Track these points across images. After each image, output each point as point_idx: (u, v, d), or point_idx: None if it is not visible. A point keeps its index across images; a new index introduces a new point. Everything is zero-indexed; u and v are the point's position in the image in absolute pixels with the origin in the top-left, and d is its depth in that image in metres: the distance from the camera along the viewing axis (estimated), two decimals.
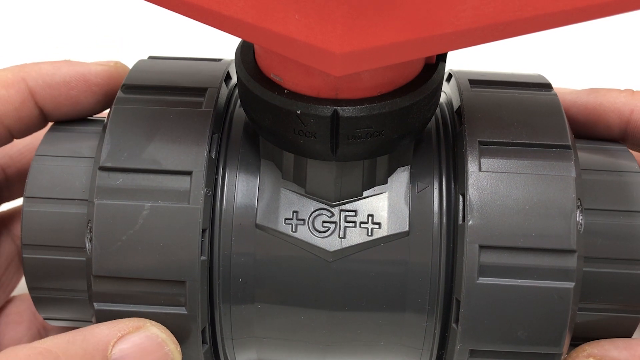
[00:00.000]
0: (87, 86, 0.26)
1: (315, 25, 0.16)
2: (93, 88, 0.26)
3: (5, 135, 0.26)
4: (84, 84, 0.26)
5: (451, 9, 0.16)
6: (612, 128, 0.26)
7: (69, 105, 0.26)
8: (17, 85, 0.26)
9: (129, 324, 0.22)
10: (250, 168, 0.24)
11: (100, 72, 0.26)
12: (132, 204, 0.22)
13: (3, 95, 0.25)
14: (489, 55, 0.40)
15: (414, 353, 0.24)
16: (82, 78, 0.26)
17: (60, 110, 0.26)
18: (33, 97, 0.26)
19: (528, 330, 0.22)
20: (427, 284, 0.23)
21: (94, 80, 0.26)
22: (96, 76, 0.26)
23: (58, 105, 0.26)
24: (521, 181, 0.22)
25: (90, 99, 0.26)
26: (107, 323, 0.22)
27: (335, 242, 0.23)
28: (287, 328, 0.24)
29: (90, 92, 0.26)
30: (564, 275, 0.21)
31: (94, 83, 0.26)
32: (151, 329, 0.22)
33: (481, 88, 0.25)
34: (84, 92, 0.26)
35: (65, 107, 0.26)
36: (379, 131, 0.21)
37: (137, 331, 0.22)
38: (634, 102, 0.26)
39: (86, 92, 0.26)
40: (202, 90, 0.24)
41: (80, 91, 0.26)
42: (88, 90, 0.26)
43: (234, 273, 0.23)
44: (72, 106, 0.26)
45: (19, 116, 0.26)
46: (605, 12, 0.17)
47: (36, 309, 0.25)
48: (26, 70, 0.26)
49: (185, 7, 0.18)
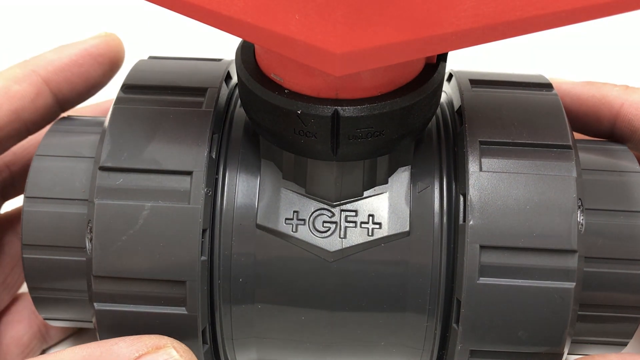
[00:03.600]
0: (93, 58, 0.27)
1: (315, 25, 0.16)
2: (99, 59, 0.27)
3: (22, 131, 0.27)
4: (90, 57, 0.27)
5: (451, 9, 0.16)
6: (602, 121, 0.26)
7: (81, 82, 0.27)
8: (29, 78, 0.26)
9: (149, 343, 0.21)
10: (250, 168, 0.24)
11: (99, 43, 0.27)
12: (132, 204, 0.22)
13: (18, 91, 0.26)
14: (489, 55, 0.40)
15: (414, 353, 0.24)
16: (86, 53, 0.27)
17: (75, 90, 0.27)
18: (48, 85, 0.26)
19: (528, 330, 0.22)
20: (428, 284, 0.23)
21: (97, 52, 0.27)
22: (97, 47, 0.27)
23: (73, 86, 0.27)
24: (522, 181, 0.22)
25: (99, 70, 0.27)
26: (128, 339, 0.21)
27: (336, 242, 0.23)
28: (287, 328, 0.24)
29: (98, 64, 0.27)
30: (565, 276, 0.21)
31: (98, 54, 0.27)
32: (171, 352, 0.21)
33: (482, 88, 0.25)
34: (93, 66, 0.27)
35: (79, 86, 0.27)
36: (380, 131, 0.21)
37: (156, 352, 0.21)
38: (625, 97, 0.26)
39: (94, 65, 0.27)
40: (202, 90, 0.24)
41: (89, 66, 0.27)
42: (95, 62, 0.27)
43: (235, 273, 0.23)
44: (84, 83, 0.27)
45: (36, 108, 0.26)
46: (605, 12, 0.17)
47: (36, 309, 0.25)
48: (33, 63, 0.27)
49: (185, 7, 0.18)
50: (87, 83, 0.27)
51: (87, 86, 0.28)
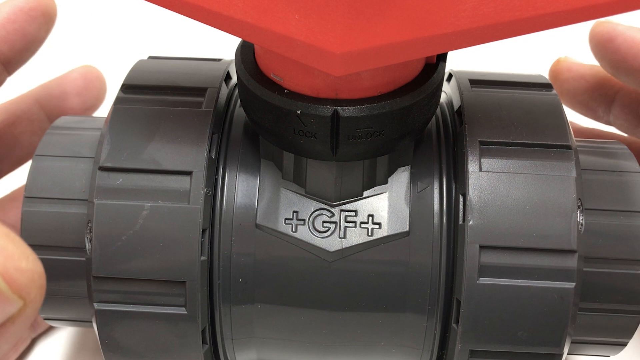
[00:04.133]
0: (26, 13, 0.28)
1: (315, 25, 0.16)
2: (31, 13, 0.28)
3: None
4: (22, 13, 0.28)
5: (451, 8, 0.16)
6: None
7: (19, 39, 0.28)
8: None
9: None
10: (250, 168, 0.24)
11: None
12: (132, 204, 0.22)
13: None
14: (489, 55, 0.40)
15: (414, 353, 0.24)
16: (17, 9, 0.28)
17: (14, 48, 0.28)
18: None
19: (528, 330, 0.22)
20: (428, 284, 0.23)
21: (27, 6, 0.28)
22: (27, 2, 0.28)
23: (11, 44, 0.28)
24: (522, 181, 0.22)
25: (34, 24, 0.28)
26: None
27: (336, 242, 0.23)
28: (287, 328, 0.24)
29: (31, 19, 0.28)
30: (565, 276, 0.21)
31: (29, 8, 0.28)
32: None
33: (482, 88, 0.25)
34: (27, 21, 0.28)
35: (17, 43, 0.28)
36: (379, 131, 0.21)
37: None
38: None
39: (27, 19, 0.28)
40: (202, 90, 0.24)
41: (23, 22, 0.28)
42: (28, 17, 0.28)
43: (234, 273, 0.23)
44: (22, 39, 0.28)
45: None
46: (605, 12, 0.17)
47: None
48: None
49: (185, 7, 0.18)
50: (25, 39, 0.28)
51: (25, 42, 0.28)
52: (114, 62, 0.36)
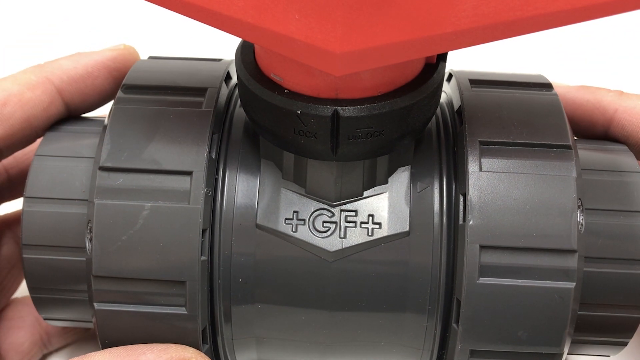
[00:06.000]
0: (109, 72, 0.27)
1: (315, 25, 0.16)
2: (114, 73, 0.27)
3: (32, 137, 0.26)
4: (106, 71, 0.27)
5: (451, 8, 0.16)
6: (596, 125, 0.26)
7: (94, 95, 0.27)
8: (43, 86, 0.26)
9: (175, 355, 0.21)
10: (250, 168, 0.24)
11: (117, 57, 0.27)
12: (132, 204, 0.22)
13: (31, 98, 0.25)
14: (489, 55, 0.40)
15: (414, 353, 0.24)
16: (102, 66, 0.27)
17: (86, 102, 0.27)
18: (61, 95, 0.26)
19: (528, 330, 0.22)
20: (428, 284, 0.23)
21: (113, 66, 0.27)
22: (114, 61, 0.27)
23: (85, 98, 0.27)
24: (522, 181, 0.22)
25: (112, 83, 0.27)
26: (155, 349, 0.21)
27: (336, 242, 0.23)
28: (287, 328, 0.24)
29: (112, 78, 0.27)
30: (565, 275, 0.21)
31: (113, 68, 0.27)
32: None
33: (482, 88, 0.25)
34: (107, 79, 0.27)
35: (91, 98, 0.27)
36: (380, 131, 0.21)
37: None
38: (619, 102, 0.26)
39: (108, 78, 0.27)
40: (202, 90, 0.24)
41: (103, 79, 0.27)
42: (110, 76, 0.27)
43: (234, 273, 0.23)
44: (97, 95, 0.27)
45: (48, 116, 0.26)
46: (605, 12, 0.17)
47: (36, 309, 0.25)
48: (48, 70, 0.26)
49: (185, 7, 0.18)
50: (100, 95, 0.27)
51: (99, 98, 0.27)
52: None
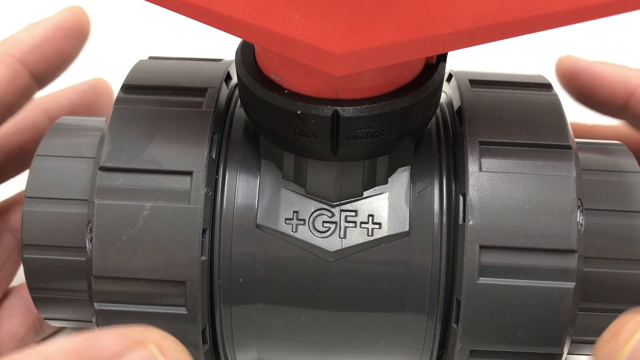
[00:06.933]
0: (65, 32, 0.28)
1: (315, 25, 0.16)
2: (69, 32, 0.28)
3: (5, 113, 0.27)
4: (62, 32, 0.28)
5: (451, 9, 0.16)
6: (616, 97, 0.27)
7: (56, 57, 0.28)
8: (5, 61, 0.26)
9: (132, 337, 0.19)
10: (250, 168, 0.24)
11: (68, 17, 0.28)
12: (132, 204, 0.22)
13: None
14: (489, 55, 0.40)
15: (414, 353, 0.24)
16: (57, 28, 0.28)
17: (51, 66, 0.28)
18: (24, 65, 0.27)
19: (528, 330, 0.22)
20: (428, 284, 0.23)
21: (66, 25, 0.28)
22: (66, 21, 0.28)
23: (48, 62, 0.28)
24: (522, 181, 0.22)
25: (70, 43, 0.28)
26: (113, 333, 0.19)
27: (336, 242, 0.23)
28: (287, 328, 0.24)
29: (68, 37, 0.28)
30: (565, 276, 0.21)
31: (68, 27, 0.28)
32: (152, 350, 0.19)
33: (481, 88, 0.25)
34: (64, 39, 0.28)
35: (54, 61, 0.28)
36: (380, 131, 0.21)
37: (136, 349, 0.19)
38: None
39: (65, 38, 0.28)
40: (202, 90, 0.24)
41: (60, 40, 0.28)
42: (66, 36, 0.28)
43: (235, 273, 0.23)
44: (58, 57, 0.28)
45: (15, 89, 0.26)
46: (605, 12, 0.17)
47: (37, 309, 0.25)
48: (6, 44, 0.27)
49: (185, 7, 0.18)
50: (61, 57, 0.28)
51: (61, 60, 0.28)
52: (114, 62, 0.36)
